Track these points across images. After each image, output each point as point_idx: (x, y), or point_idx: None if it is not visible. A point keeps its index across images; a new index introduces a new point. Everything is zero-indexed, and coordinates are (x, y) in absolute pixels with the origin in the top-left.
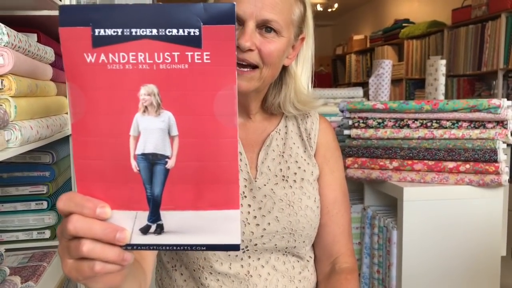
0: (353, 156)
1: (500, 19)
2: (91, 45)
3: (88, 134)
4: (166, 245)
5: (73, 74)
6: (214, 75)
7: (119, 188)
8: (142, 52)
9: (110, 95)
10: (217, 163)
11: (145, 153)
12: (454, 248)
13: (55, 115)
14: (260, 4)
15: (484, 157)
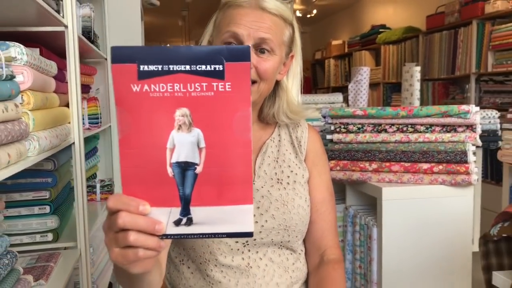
0: (335, 159)
1: (471, 26)
2: (136, 78)
3: (132, 147)
4: (194, 234)
5: (121, 100)
6: (234, 100)
7: (157, 189)
8: (177, 83)
9: (151, 117)
10: (235, 168)
11: (178, 162)
12: (429, 243)
13: (61, 125)
14: (256, 27)
15: (456, 158)
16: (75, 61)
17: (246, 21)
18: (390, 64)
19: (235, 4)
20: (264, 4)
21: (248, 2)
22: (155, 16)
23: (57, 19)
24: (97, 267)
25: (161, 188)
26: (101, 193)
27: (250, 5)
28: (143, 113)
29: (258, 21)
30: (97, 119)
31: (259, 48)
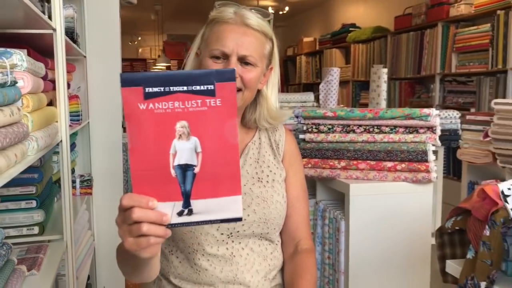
0: (307, 157)
1: (437, 28)
2: (143, 98)
3: (140, 154)
4: (194, 222)
5: (130, 116)
6: (224, 113)
7: (162, 187)
8: (177, 101)
9: (156, 129)
10: (226, 167)
11: (180, 164)
12: (392, 235)
13: (50, 124)
14: (240, 43)
15: (417, 157)
16: (63, 63)
17: (232, 38)
18: (360, 63)
19: (222, 21)
20: (248, 21)
21: (233, 19)
22: (128, 10)
23: (45, 22)
24: (77, 259)
25: (166, 186)
26: (81, 187)
27: (236, 22)
28: (149, 126)
29: (243, 37)
30: (78, 116)
31: (244, 61)
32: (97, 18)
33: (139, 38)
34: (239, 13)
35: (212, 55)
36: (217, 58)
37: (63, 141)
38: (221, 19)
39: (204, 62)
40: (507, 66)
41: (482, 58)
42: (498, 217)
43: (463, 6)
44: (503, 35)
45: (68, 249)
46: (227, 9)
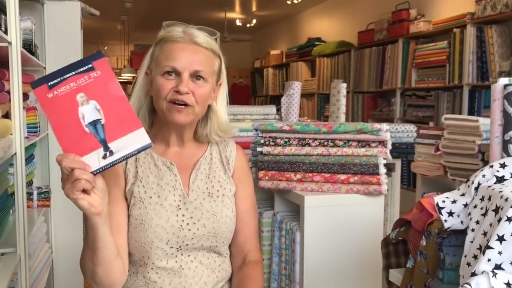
0: (264, 170)
1: (398, 44)
2: (48, 90)
3: (60, 127)
4: (118, 159)
5: (44, 106)
6: (105, 78)
7: (84, 143)
8: (71, 82)
9: (64, 106)
10: (122, 111)
11: (89, 122)
12: (346, 246)
13: (3, 137)
14: (192, 60)
15: (369, 170)
16: (18, 76)
17: (183, 56)
18: (325, 76)
19: (171, 40)
20: (196, 39)
21: (183, 38)
22: (94, 19)
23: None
24: (33, 273)
25: (86, 142)
26: (38, 200)
27: (185, 40)
28: (59, 107)
29: (193, 55)
30: (36, 128)
31: (195, 76)
32: (57, 30)
33: (105, 48)
34: (187, 32)
35: (164, 72)
36: (168, 74)
37: (17, 154)
38: (171, 38)
39: (155, 80)
40: (462, 82)
41: (439, 74)
42: (433, 228)
43: (422, 23)
44: (459, 52)
45: (22, 262)
46: (175, 29)
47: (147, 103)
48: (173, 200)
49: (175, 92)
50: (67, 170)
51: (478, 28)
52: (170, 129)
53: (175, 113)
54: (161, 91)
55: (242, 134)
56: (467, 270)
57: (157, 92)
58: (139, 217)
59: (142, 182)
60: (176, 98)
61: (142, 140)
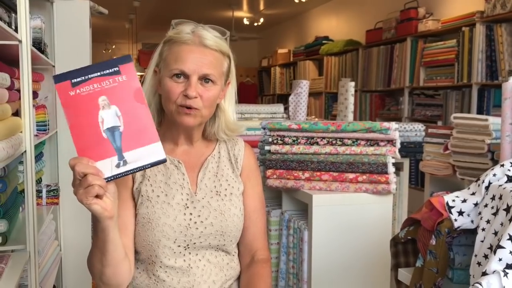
0: (272, 168)
1: (406, 42)
2: (71, 87)
3: (78, 128)
4: (130, 170)
5: (64, 103)
6: (130, 84)
7: (99, 148)
8: (95, 83)
9: (85, 107)
10: (142, 122)
11: (108, 127)
12: (353, 245)
13: (14, 135)
14: (201, 63)
15: (377, 169)
16: (28, 74)
17: (192, 58)
18: (332, 75)
19: (180, 41)
20: (206, 42)
21: (192, 40)
22: (102, 18)
23: (10, 34)
24: (42, 270)
25: (101, 147)
26: (47, 197)
27: (194, 42)
28: (80, 106)
29: (202, 57)
30: (45, 126)
31: (204, 79)
32: (67, 28)
33: (113, 47)
34: (196, 33)
35: (172, 75)
36: (177, 77)
37: (27, 152)
38: (179, 40)
39: (164, 81)
40: (471, 81)
41: (448, 73)
42: (443, 227)
43: (431, 22)
44: (468, 50)
45: (31, 259)
46: (184, 29)
47: (155, 102)
48: (180, 199)
49: (184, 97)
50: (80, 175)
51: (488, 26)
52: (179, 130)
53: (184, 116)
54: (170, 95)
55: (249, 133)
56: (477, 270)
57: (166, 95)
58: (146, 216)
59: (150, 181)
60: (184, 103)
61: (158, 155)
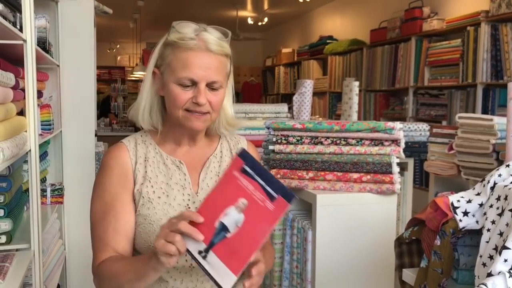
0: (276, 168)
1: (410, 42)
2: (239, 169)
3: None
4: (201, 265)
5: (225, 175)
6: (270, 215)
7: (203, 227)
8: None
9: (230, 192)
10: (245, 250)
11: (222, 222)
12: (357, 245)
13: (18, 134)
14: (208, 69)
15: (382, 169)
16: (33, 73)
17: (199, 65)
18: (336, 74)
19: (186, 47)
20: (211, 47)
21: (197, 45)
22: (106, 18)
23: (15, 33)
24: (47, 269)
25: (205, 228)
26: (52, 196)
27: (200, 48)
28: (229, 187)
29: (209, 63)
30: (50, 125)
31: (212, 87)
32: (71, 28)
33: (117, 46)
34: (201, 38)
35: (179, 82)
36: (185, 85)
37: (31, 151)
38: (185, 46)
39: (169, 87)
40: (476, 81)
41: (453, 72)
42: (448, 228)
43: (436, 21)
44: (473, 50)
45: (36, 258)
46: (187, 33)
47: (157, 102)
48: (181, 200)
49: (194, 104)
50: (176, 230)
51: (493, 26)
52: (184, 133)
53: (194, 120)
54: (177, 102)
55: (253, 133)
56: (482, 271)
57: (173, 101)
58: (148, 218)
59: (151, 182)
60: (194, 109)
61: (225, 282)
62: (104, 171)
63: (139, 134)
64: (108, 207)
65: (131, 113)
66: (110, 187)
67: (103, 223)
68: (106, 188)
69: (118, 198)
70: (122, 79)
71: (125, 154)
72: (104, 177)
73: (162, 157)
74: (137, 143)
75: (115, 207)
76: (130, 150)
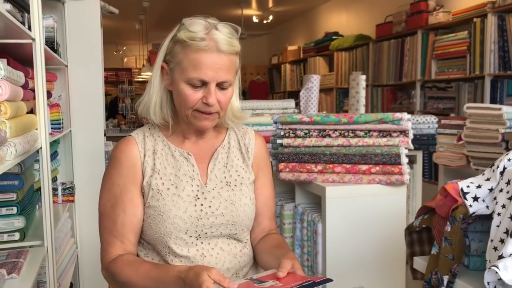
0: (285, 162)
1: (417, 35)
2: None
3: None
4: None
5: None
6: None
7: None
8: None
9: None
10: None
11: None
12: (368, 236)
13: (29, 131)
14: (218, 70)
15: (390, 160)
16: (42, 72)
17: (210, 66)
18: (343, 70)
19: (197, 48)
20: (222, 47)
21: (208, 46)
22: (112, 19)
23: (24, 32)
24: (60, 267)
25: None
26: (63, 195)
27: (211, 48)
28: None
29: (219, 64)
30: (59, 124)
31: (221, 85)
32: (78, 28)
33: (124, 48)
34: (212, 37)
35: (189, 82)
36: (195, 85)
37: (42, 148)
38: (196, 46)
39: (179, 85)
40: (484, 72)
41: (460, 65)
42: (458, 214)
43: (442, 14)
44: (480, 42)
45: (49, 254)
46: (198, 32)
47: (166, 97)
48: (191, 191)
49: (204, 104)
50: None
51: (499, 17)
52: (191, 128)
53: (203, 120)
54: (188, 102)
55: (261, 129)
56: (493, 255)
57: (182, 100)
58: (157, 209)
59: (160, 174)
60: (204, 110)
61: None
62: (113, 164)
63: (147, 127)
64: (116, 200)
65: (141, 108)
66: (118, 180)
67: (112, 216)
68: (114, 181)
69: (126, 192)
70: (129, 81)
71: (134, 147)
72: (113, 170)
73: (170, 149)
74: (145, 136)
75: (123, 200)
76: (139, 143)
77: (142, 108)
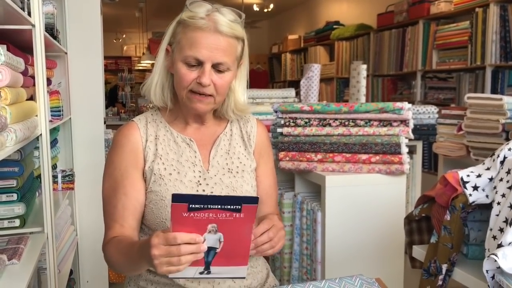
0: (285, 151)
1: (418, 25)
2: (186, 210)
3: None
4: (210, 277)
5: (175, 221)
6: (245, 221)
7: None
8: (211, 213)
9: (193, 227)
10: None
11: (209, 246)
12: (367, 225)
13: (29, 118)
14: (215, 50)
15: (390, 150)
16: (42, 58)
17: (206, 45)
18: (343, 60)
19: (195, 26)
20: (220, 28)
21: (206, 25)
22: (112, 7)
23: (24, 18)
24: (60, 254)
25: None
26: (63, 182)
27: (209, 28)
28: (188, 225)
29: (216, 44)
30: (59, 111)
31: (217, 66)
32: (78, 15)
33: (123, 36)
34: (211, 18)
35: (186, 61)
36: (191, 64)
37: (42, 135)
38: (194, 24)
39: (177, 65)
40: (485, 63)
41: (461, 55)
42: (458, 202)
43: (443, 3)
44: (482, 32)
45: (49, 240)
46: (199, 12)
47: (168, 80)
48: (192, 176)
49: (198, 84)
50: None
51: (502, 7)
52: (190, 113)
53: (196, 102)
54: (183, 82)
55: (261, 118)
56: (492, 243)
57: (178, 80)
58: (159, 194)
59: (162, 160)
60: (198, 90)
61: (239, 273)
62: (115, 148)
63: (150, 112)
64: (118, 184)
65: (144, 88)
66: (120, 164)
67: (113, 200)
68: (116, 165)
69: (128, 176)
70: (129, 69)
71: (136, 132)
72: (114, 154)
73: (172, 135)
74: (147, 122)
75: (124, 184)
76: (141, 129)
77: (145, 88)
